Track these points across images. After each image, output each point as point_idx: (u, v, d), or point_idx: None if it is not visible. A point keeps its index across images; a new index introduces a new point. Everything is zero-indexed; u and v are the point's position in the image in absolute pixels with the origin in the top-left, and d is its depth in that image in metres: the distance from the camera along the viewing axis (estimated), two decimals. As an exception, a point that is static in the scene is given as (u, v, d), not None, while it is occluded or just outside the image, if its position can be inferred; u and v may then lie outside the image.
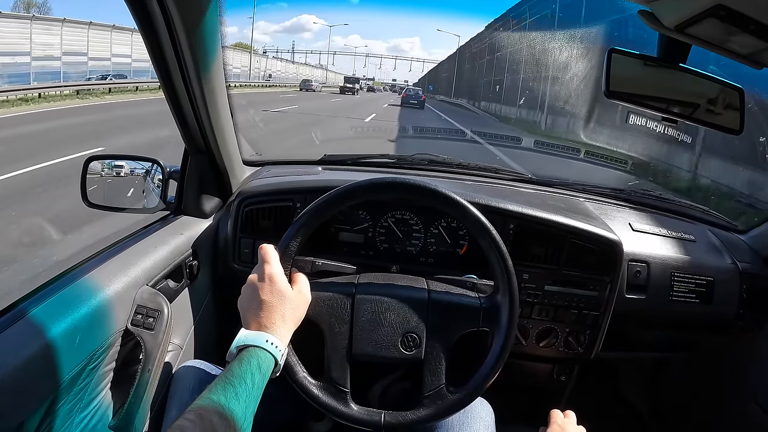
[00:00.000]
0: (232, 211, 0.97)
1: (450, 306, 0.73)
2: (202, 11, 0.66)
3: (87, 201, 0.94)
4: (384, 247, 0.99)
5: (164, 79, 0.75)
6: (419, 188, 0.73)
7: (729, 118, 0.66)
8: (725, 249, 1.06)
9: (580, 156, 4.05)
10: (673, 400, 1.27)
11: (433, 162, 1.25)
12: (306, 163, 1.25)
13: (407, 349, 0.71)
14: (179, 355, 0.86)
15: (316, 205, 0.72)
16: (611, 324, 0.97)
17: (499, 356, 0.70)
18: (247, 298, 0.66)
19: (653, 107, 0.65)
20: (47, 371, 0.58)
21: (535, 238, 0.94)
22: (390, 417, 0.70)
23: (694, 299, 0.99)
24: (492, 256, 0.72)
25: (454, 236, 0.98)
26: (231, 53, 17.88)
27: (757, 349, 1.06)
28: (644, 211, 1.18)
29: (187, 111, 0.81)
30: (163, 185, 0.96)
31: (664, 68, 0.61)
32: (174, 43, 0.68)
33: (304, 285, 0.70)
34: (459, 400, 0.70)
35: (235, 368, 0.57)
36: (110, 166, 0.97)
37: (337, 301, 0.72)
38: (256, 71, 23.88)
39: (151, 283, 0.78)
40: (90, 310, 0.65)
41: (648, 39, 0.64)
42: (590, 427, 0.84)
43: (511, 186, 1.19)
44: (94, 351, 0.65)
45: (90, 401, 0.67)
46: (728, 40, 0.54)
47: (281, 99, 14.56)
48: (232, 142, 0.96)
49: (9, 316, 0.59)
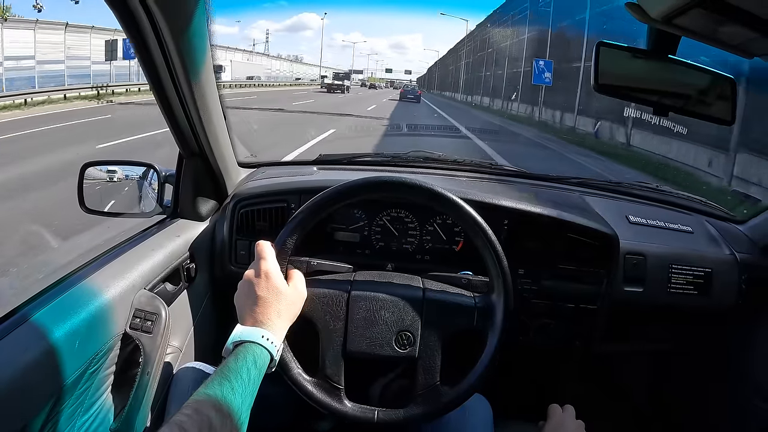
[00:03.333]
0: (228, 213, 0.98)
1: (445, 305, 0.74)
2: (188, 14, 0.66)
3: (84, 207, 0.94)
4: (380, 245, 0.99)
5: (154, 83, 0.75)
6: (414, 187, 0.73)
7: (720, 109, 0.65)
8: (723, 240, 1.06)
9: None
10: (672, 392, 1.27)
11: (428, 159, 1.25)
12: (301, 163, 1.26)
13: (401, 347, 0.71)
14: (179, 358, 0.87)
15: (312, 204, 0.72)
16: (609, 317, 0.97)
17: (493, 355, 0.70)
18: (244, 293, 0.66)
19: (644, 100, 0.65)
20: (48, 376, 0.59)
21: (530, 233, 0.94)
22: (383, 414, 0.70)
23: (693, 291, 0.99)
24: (487, 255, 0.72)
25: (449, 233, 0.98)
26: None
27: (757, 340, 1.06)
28: (641, 203, 1.18)
29: (179, 114, 0.82)
30: (159, 189, 0.97)
31: (653, 60, 0.61)
32: (162, 47, 0.68)
33: (299, 281, 0.71)
34: (453, 399, 0.70)
35: (231, 363, 0.58)
36: (106, 172, 0.98)
37: (333, 298, 0.73)
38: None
39: (148, 287, 0.78)
40: (89, 314, 0.65)
41: (638, 32, 0.64)
42: (589, 422, 0.84)
43: (507, 181, 1.19)
44: (94, 355, 0.66)
45: (91, 405, 0.67)
46: (717, 30, 0.54)
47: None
48: (225, 145, 0.97)
49: (10, 322, 0.60)
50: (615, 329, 1.01)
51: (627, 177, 5.49)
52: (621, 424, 1.25)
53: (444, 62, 31.27)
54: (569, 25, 11.66)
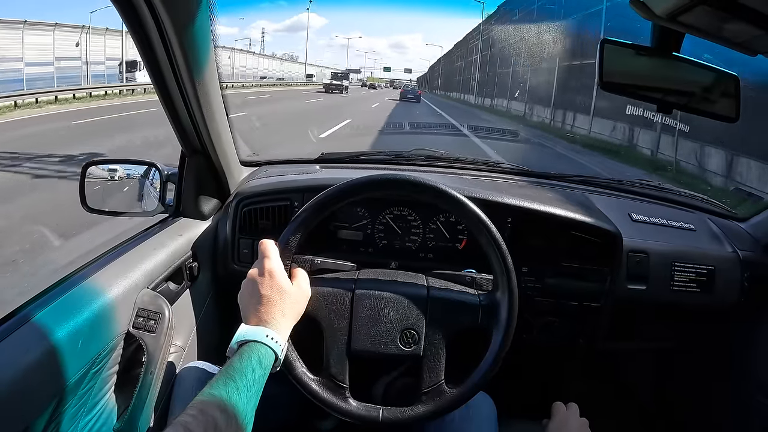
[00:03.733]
0: (231, 211, 0.97)
1: (449, 302, 0.73)
2: (192, 12, 0.66)
3: (87, 206, 0.94)
4: (383, 243, 0.99)
5: (157, 82, 0.75)
6: (417, 185, 0.73)
7: (725, 106, 0.65)
8: (725, 237, 1.06)
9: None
10: (675, 389, 1.27)
11: (431, 158, 1.25)
12: (304, 161, 1.25)
13: (406, 345, 0.71)
14: (182, 357, 0.87)
15: (315, 202, 0.72)
16: (613, 315, 0.97)
17: (498, 353, 0.70)
18: (247, 293, 0.66)
19: (648, 97, 0.65)
20: (51, 375, 0.59)
21: (533, 231, 0.94)
22: (388, 413, 0.70)
23: (695, 288, 0.99)
24: (491, 253, 0.72)
25: (452, 231, 0.98)
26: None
27: (760, 337, 1.06)
28: (643, 201, 1.18)
29: (182, 113, 0.81)
30: (161, 188, 0.97)
31: (657, 58, 0.61)
32: (165, 45, 0.68)
33: (303, 280, 0.71)
34: (457, 397, 0.70)
35: (235, 363, 0.58)
36: (108, 171, 0.98)
37: (337, 297, 0.73)
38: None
39: (151, 286, 0.78)
40: (91, 314, 0.65)
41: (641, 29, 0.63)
42: (593, 419, 0.84)
43: (510, 179, 1.19)
44: (97, 354, 0.66)
45: (94, 405, 0.67)
46: (721, 27, 0.54)
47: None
48: (228, 143, 0.96)
49: (13, 322, 0.60)
50: (618, 327, 1.01)
51: (628, 175, 5.42)
52: (625, 421, 1.25)
53: (450, 58, 27.96)
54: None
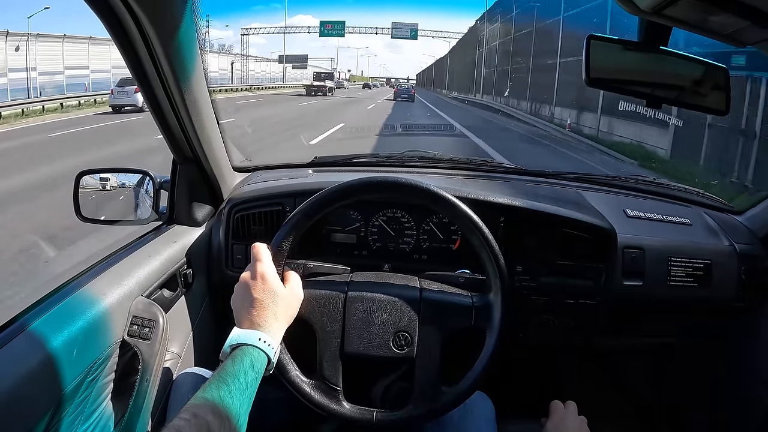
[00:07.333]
0: (223, 218, 0.97)
1: (442, 304, 0.73)
2: (175, 19, 0.66)
3: (80, 216, 0.94)
4: (377, 246, 0.98)
5: (144, 89, 0.75)
6: (409, 187, 0.73)
7: (715, 99, 0.65)
8: (722, 231, 1.05)
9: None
10: (674, 384, 1.26)
11: (423, 159, 1.24)
12: (296, 166, 1.25)
13: (399, 347, 0.71)
14: (178, 363, 0.87)
15: (307, 205, 0.72)
16: (609, 312, 0.97)
17: (491, 354, 0.70)
18: (240, 296, 0.66)
19: (637, 92, 0.64)
20: (47, 385, 0.59)
21: (527, 230, 0.94)
22: (382, 415, 0.70)
23: (692, 283, 0.98)
24: (484, 255, 0.72)
25: (446, 232, 0.98)
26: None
27: (758, 330, 1.05)
28: (638, 196, 1.17)
29: (171, 120, 0.81)
30: (154, 196, 0.97)
31: (645, 52, 0.61)
32: (150, 53, 0.68)
33: (296, 283, 0.71)
34: (452, 399, 0.70)
35: (228, 367, 0.58)
36: (100, 180, 0.98)
37: (330, 299, 0.72)
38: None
39: (145, 294, 0.78)
40: (86, 323, 0.65)
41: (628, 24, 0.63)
42: (591, 417, 0.84)
43: (503, 178, 1.18)
44: (92, 363, 0.66)
45: (91, 413, 0.67)
46: (707, 19, 0.53)
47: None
48: (219, 149, 0.96)
49: (8, 331, 0.60)
50: (615, 324, 1.00)
51: (623, 171, 5.37)
52: (624, 419, 1.24)
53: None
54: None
